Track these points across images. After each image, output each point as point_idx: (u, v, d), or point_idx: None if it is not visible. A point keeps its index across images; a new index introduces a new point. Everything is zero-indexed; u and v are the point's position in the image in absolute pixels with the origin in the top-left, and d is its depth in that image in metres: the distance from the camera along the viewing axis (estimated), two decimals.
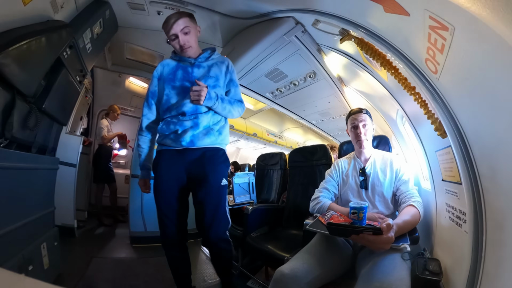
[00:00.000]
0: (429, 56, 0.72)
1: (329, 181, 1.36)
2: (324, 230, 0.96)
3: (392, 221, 0.84)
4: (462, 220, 0.75)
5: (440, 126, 0.86)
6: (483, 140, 0.62)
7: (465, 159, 0.70)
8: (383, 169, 1.24)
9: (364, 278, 0.86)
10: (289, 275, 0.91)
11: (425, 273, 0.77)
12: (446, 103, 0.75)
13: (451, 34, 0.56)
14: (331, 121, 3.88)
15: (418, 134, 1.23)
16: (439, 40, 0.62)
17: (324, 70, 2.14)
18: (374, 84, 1.55)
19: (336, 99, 2.87)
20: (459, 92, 0.66)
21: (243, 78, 2.42)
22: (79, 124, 2.86)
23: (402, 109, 1.33)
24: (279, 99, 3.02)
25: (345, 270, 1.07)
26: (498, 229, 0.56)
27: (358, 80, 2.00)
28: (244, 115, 4.61)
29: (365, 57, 1.35)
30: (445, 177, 0.93)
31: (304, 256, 1.03)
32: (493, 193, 0.59)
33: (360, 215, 0.93)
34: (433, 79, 0.78)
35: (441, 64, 0.67)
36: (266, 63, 2.13)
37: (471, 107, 0.63)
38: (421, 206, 1.02)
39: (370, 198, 1.23)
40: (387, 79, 1.30)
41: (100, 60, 2.76)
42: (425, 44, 0.70)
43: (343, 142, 1.75)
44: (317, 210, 1.24)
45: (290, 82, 2.52)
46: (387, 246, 0.83)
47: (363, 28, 1.06)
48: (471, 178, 0.67)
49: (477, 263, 0.61)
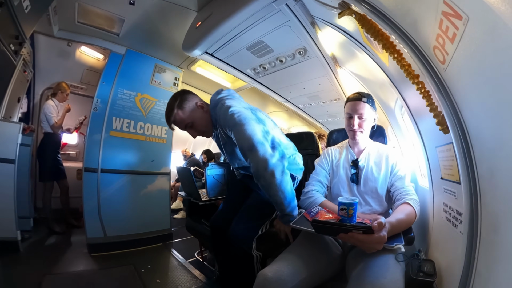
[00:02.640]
0: (438, 44, 0.78)
1: (320, 172, 1.42)
2: (309, 228, 1.01)
3: (384, 220, 0.89)
4: (459, 220, 0.86)
5: (442, 121, 0.94)
6: (485, 140, 0.70)
7: (466, 158, 0.79)
8: (378, 163, 1.33)
9: (355, 280, 0.92)
10: (273, 279, 0.95)
11: (419, 274, 0.88)
12: (452, 97, 0.83)
13: (464, 24, 0.61)
14: (321, 106, 3.99)
15: (418, 127, 1.33)
16: (451, 28, 0.67)
17: (316, 47, 2.17)
18: (373, 68, 1.62)
19: (328, 81, 2.95)
20: (466, 86, 0.73)
21: (220, 50, 2.37)
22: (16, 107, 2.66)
23: (402, 98, 1.42)
24: (262, 77, 3.04)
25: (334, 272, 1.14)
26: (492, 231, 0.66)
27: (355, 62, 2.07)
28: None
29: (365, 37, 1.39)
30: (444, 175, 1.04)
31: (289, 257, 1.08)
32: (490, 195, 0.69)
33: (350, 211, 0.98)
34: (440, 69, 0.85)
35: (450, 54, 0.73)
36: (249, 34, 2.10)
37: (477, 105, 0.70)
38: (417, 205, 1.12)
39: (362, 194, 1.31)
40: (388, 63, 1.37)
41: (43, 24, 2.47)
42: (436, 30, 0.75)
43: (332, 130, 1.83)
44: (307, 206, 1.30)
45: (276, 58, 2.53)
46: (379, 246, 0.90)
47: (366, 3, 1.08)
48: (470, 178, 0.76)
49: (470, 264, 0.71)
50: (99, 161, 2.51)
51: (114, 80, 2.67)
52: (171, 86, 3.13)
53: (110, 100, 2.63)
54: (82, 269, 2.08)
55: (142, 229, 2.75)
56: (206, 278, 2.01)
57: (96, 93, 2.61)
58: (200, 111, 1.44)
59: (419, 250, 1.06)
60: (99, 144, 2.54)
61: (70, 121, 3.33)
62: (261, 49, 2.37)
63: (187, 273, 2.04)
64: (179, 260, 2.34)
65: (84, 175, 2.43)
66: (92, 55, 3.41)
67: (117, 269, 2.04)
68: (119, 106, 2.70)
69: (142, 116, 2.86)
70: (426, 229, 1.30)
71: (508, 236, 0.60)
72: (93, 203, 2.39)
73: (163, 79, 3.06)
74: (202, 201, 2.15)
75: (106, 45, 2.74)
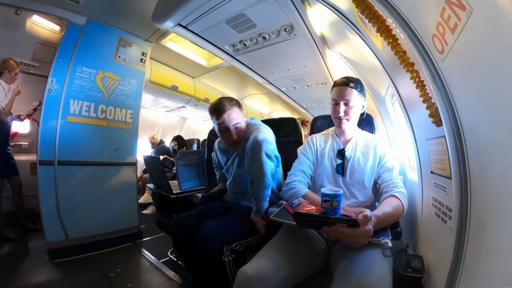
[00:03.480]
0: (438, 32, 0.81)
1: (303, 161, 1.45)
2: (291, 221, 1.02)
3: (370, 212, 0.93)
4: (448, 216, 0.94)
5: (436, 113, 1.00)
6: (478, 136, 0.76)
7: (458, 152, 0.85)
8: (365, 153, 1.37)
9: (340, 275, 0.96)
10: (254, 276, 0.96)
11: (408, 270, 0.96)
12: (447, 89, 0.88)
13: (467, 16, 0.64)
14: (306, 90, 4.06)
15: (409, 117, 1.40)
16: (453, 18, 0.70)
17: (304, 24, 2.17)
18: (365, 52, 1.66)
19: (314, 63, 2.99)
20: (464, 80, 0.78)
21: (195, 23, 2.30)
22: None
23: (394, 86, 1.48)
24: (242, 55, 3.01)
25: (318, 268, 1.18)
26: (481, 228, 0.73)
27: (346, 44, 2.10)
28: (193, 73, 4.43)
29: (359, 18, 1.41)
30: (434, 169, 1.12)
31: (271, 252, 1.09)
32: (480, 191, 0.75)
33: (334, 203, 1.01)
34: (437, 59, 0.89)
35: (450, 45, 0.77)
36: (229, 5, 2.05)
37: (473, 99, 0.75)
38: (405, 198, 1.19)
39: (347, 186, 1.35)
40: (381, 48, 1.41)
41: None
42: (437, 18, 0.78)
43: (317, 116, 1.88)
44: (289, 197, 1.33)
45: (258, 34, 2.50)
46: (364, 240, 0.93)
47: None
48: (462, 174, 0.83)
49: (457, 260, 0.79)
50: (55, 152, 2.38)
51: (72, 56, 2.48)
52: (137, 63, 2.99)
53: (67, 80, 2.45)
54: (44, 279, 2.00)
55: (108, 228, 2.69)
56: (182, 279, 2.01)
57: (51, 72, 2.42)
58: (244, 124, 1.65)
59: (407, 245, 1.14)
60: (55, 132, 2.39)
61: (20, 106, 3.07)
62: (243, 23, 2.32)
63: (161, 275, 2.05)
64: (151, 260, 2.33)
65: (39, 169, 2.30)
66: (46, 26, 3.11)
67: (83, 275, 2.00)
68: (77, 86, 2.54)
69: (104, 97, 2.72)
70: (414, 223, 1.40)
71: (495, 233, 0.67)
72: (51, 201, 2.29)
73: (128, 54, 2.90)
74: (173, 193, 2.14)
75: (63, 14, 2.51)
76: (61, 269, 2.12)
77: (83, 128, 2.58)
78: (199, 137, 6.26)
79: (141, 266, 2.27)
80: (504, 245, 0.62)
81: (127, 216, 2.89)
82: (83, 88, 2.57)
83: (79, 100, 2.55)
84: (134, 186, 3.01)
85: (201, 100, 4.82)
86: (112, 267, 2.17)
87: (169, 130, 6.61)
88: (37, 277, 2.04)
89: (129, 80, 2.91)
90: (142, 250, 2.59)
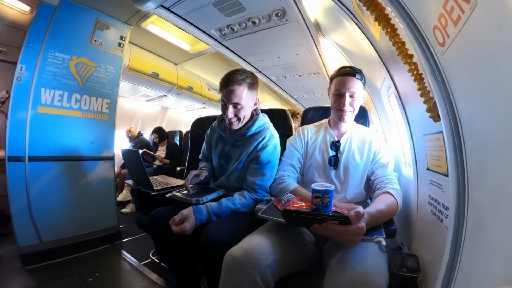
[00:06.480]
0: (439, 24, 0.82)
1: (293, 154, 1.46)
2: (279, 218, 1.01)
3: (362, 209, 0.92)
4: (444, 215, 0.98)
5: (434, 108, 1.02)
6: (477, 133, 0.79)
7: (456, 149, 0.88)
8: (360, 148, 1.40)
9: (334, 267, 0.95)
10: (243, 259, 0.93)
11: (403, 269, 0.99)
12: (447, 83, 0.90)
13: (471, 9, 0.66)
14: (297, 79, 4.06)
15: (406, 112, 1.43)
16: (456, 10, 0.71)
17: (298, 9, 2.16)
18: (361, 41, 1.67)
19: (307, 51, 2.99)
20: (464, 74, 0.80)
21: (179, 4, 2.26)
22: None
23: (390, 78, 1.50)
24: (229, 41, 2.97)
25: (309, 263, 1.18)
26: (477, 227, 0.76)
27: (341, 32, 2.11)
28: (175, 59, 4.36)
29: (357, 5, 1.42)
30: (431, 166, 1.15)
31: (262, 233, 1.07)
32: (478, 190, 0.78)
33: (325, 200, 1.02)
34: (437, 52, 0.91)
35: (451, 37, 0.78)
36: None
37: (473, 95, 0.77)
38: (399, 195, 1.21)
39: (340, 180, 1.37)
40: (379, 38, 1.42)
41: None
42: (439, 9, 0.79)
43: (308, 108, 1.89)
44: (277, 193, 1.34)
45: (248, 18, 2.47)
46: (357, 238, 0.92)
47: None
48: (459, 171, 0.86)
49: (454, 260, 0.82)
50: (25, 147, 2.29)
51: (43, 39, 2.37)
52: (115, 48, 2.89)
53: (38, 66, 2.34)
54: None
55: (84, 229, 2.63)
56: (166, 281, 2.00)
57: (19, 58, 2.31)
58: (253, 106, 1.57)
59: (402, 244, 1.17)
60: (25, 125, 2.29)
61: None
62: (231, 6, 2.28)
63: (143, 278, 2.03)
64: (132, 263, 2.30)
65: (8, 166, 2.20)
66: (15, 6, 2.90)
67: (60, 282, 1.95)
68: (49, 73, 2.43)
69: (78, 86, 2.62)
70: (409, 222, 1.45)
71: (492, 232, 0.70)
72: (22, 201, 2.22)
73: (105, 38, 2.80)
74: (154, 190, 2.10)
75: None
76: (35, 276, 2.08)
77: (55, 119, 2.49)
78: (181, 128, 6.18)
79: (121, 269, 2.25)
80: (502, 245, 0.64)
81: (105, 216, 2.84)
82: (55, 75, 2.47)
83: (51, 89, 2.45)
84: (112, 183, 2.95)
85: (184, 88, 4.74)
86: (90, 272, 2.14)
87: (149, 122, 6.50)
88: (10, 285, 1.98)
89: (105, 67, 2.82)
90: (122, 252, 2.56)
